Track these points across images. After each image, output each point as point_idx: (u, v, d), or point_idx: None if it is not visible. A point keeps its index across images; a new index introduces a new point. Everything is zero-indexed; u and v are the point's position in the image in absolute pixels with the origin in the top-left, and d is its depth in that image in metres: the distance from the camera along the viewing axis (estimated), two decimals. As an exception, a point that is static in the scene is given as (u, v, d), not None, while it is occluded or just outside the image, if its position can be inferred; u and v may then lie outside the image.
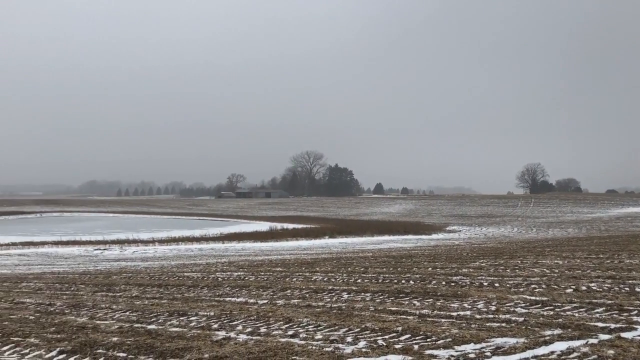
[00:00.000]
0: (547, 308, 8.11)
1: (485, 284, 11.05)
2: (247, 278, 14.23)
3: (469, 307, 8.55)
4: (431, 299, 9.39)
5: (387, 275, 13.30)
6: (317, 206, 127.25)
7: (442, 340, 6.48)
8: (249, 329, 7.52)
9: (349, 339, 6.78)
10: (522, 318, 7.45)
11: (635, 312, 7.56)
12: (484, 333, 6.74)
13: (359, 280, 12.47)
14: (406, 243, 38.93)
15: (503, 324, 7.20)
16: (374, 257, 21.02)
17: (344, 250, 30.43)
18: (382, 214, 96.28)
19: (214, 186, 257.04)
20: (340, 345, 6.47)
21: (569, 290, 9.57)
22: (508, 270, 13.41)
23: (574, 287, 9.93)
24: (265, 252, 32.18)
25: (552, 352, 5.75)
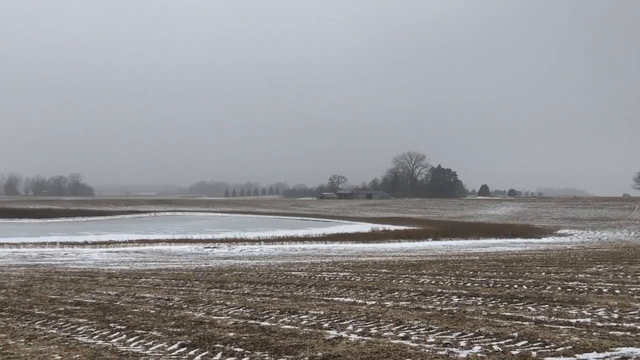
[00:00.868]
0: (678, 318, 7.57)
1: (605, 290, 10.47)
2: (353, 279, 14.29)
3: (589, 314, 8.13)
4: (547, 305, 9.02)
5: (497, 280, 12.92)
6: (419, 208, 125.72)
7: (561, 348, 6.20)
8: (360, 329, 7.54)
9: (463, 343, 6.64)
10: (650, 328, 6.99)
11: None
12: (607, 342, 6.38)
13: (469, 284, 12.19)
14: (514, 246, 37.61)
15: (628, 333, 6.80)
16: (482, 261, 20.47)
17: (449, 253, 29.84)
18: (487, 217, 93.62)
19: (315, 187, 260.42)
20: (454, 349, 6.34)
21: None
22: (629, 277, 12.64)
23: None
24: (368, 253, 32.18)
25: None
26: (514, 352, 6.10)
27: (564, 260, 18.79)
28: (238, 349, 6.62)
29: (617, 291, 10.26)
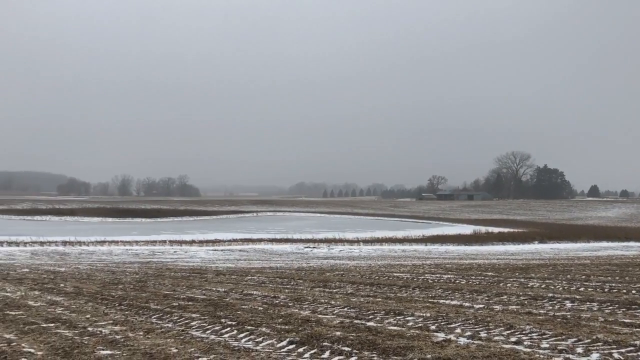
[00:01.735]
0: None
1: None
2: (457, 281, 14.00)
3: None
4: (672, 313, 8.43)
5: (613, 285, 12.22)
6: (523, 209, 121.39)
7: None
8: (469, 333, 7.37)
9: (580, 349, 6.33)
10: None
11: None
12: None
13: (582, 289, 11.61)
14: (628, 250, 35.44)
15: None
16: (594, 265, 19.44)
17: (557, 257, 28.59)
18: (597, 219, 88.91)
19: (414, 188, 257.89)
20: (570, 356, 6.07)
21: None
22: None
23: None
24: (471, 255, 31.43)
25: None
26: (638, 362, 5.75)
27: (687, 266, 17.50)
28: (346, 348, 6.66)
29: None
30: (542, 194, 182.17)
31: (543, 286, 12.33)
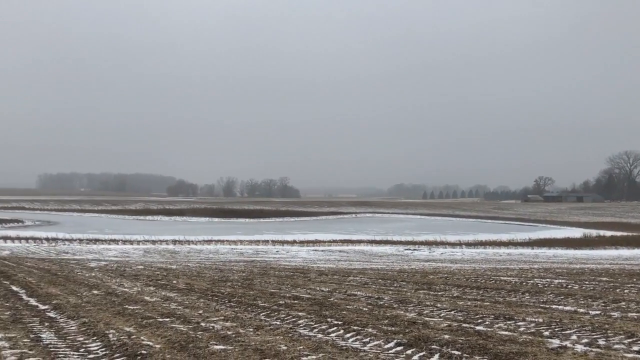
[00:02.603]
0: None
1: None
2: (569, 286, 13.39)
3: None
4: None
5: None
6: (638, 212, 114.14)
7: None
8: (585, 340, 7.02)
9: None
10: None
11: None
12: None
13: None
14: None
15: None
16: None
17: (679, 263, 26.65)
18: None
19: (519, 189, 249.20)
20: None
21: None
22: None
23: None
24: (581, 260, 29.94)
25: None
26: None
27: None
28: (455, 352, 6.53)
29: None
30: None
31: (666, 294, 11.55)
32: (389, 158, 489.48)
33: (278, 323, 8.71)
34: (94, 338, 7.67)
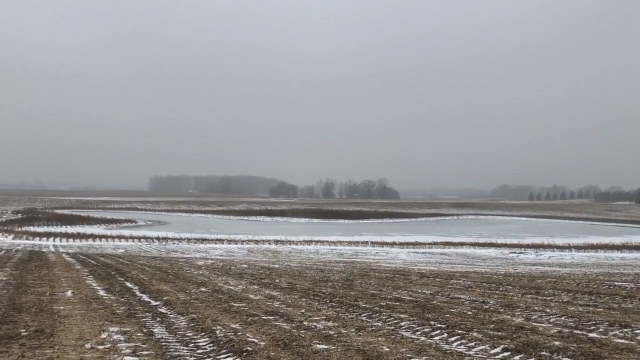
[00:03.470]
0: None
1: None
2: (694, 294, 12.42)
3: None
4: None
5: None
6: None
7: None
8: None
9: None
10: None
11: None
12: None
13: None
14: None
15: None
16: None
17: None
18: None
19: (633, 190, 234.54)
20: None
21: None
22: None
23: None
24: None
25: None
26: None
27: None
28: (567, 360, 6.23)
29: None
30: None
31: None
32: (492, 157, 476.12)
33: (380, 324, 8.65)
34: (202, 334, 7.95)
